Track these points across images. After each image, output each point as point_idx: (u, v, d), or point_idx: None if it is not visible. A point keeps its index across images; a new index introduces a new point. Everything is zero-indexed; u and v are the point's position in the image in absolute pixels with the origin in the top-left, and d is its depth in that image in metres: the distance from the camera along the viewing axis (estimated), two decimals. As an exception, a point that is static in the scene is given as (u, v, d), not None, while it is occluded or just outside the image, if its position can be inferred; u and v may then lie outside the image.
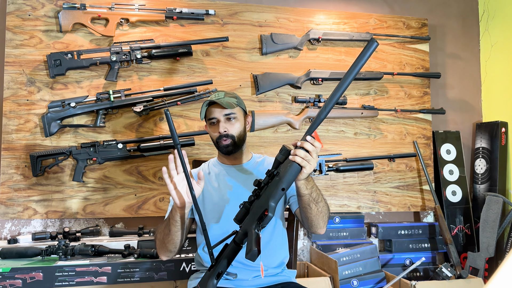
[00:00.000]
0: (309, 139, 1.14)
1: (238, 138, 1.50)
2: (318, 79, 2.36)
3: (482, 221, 2.37)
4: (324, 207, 1.33)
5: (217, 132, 1.49)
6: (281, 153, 1.17)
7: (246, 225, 1.17)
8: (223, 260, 1.20)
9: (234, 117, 1.50)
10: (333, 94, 1.10)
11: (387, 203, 2.48)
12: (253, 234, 1.11)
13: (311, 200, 1.28)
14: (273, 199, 1.13)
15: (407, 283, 2.06)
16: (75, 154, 2.05)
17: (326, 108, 1.11)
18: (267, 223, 1.14)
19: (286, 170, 1.14)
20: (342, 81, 1.09)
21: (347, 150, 2.43)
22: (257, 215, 1.14)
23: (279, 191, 1.14)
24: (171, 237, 1.35)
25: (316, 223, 1.34)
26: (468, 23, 2.78)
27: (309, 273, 2.20)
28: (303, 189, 1.24)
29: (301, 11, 2.43)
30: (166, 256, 1.43)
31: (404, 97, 2.54)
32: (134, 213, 2.15)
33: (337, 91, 1.10)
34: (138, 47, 2.11)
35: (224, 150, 1.50)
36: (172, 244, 1.37)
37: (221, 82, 2.28)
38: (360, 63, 1.08)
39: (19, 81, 2.08)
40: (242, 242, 1.18)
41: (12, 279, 1.64)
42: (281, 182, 1.14)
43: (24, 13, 2.10)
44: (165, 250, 1.41)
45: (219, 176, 1.55)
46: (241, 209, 1.20)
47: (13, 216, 2.04)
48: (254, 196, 1.19)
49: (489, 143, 2.61)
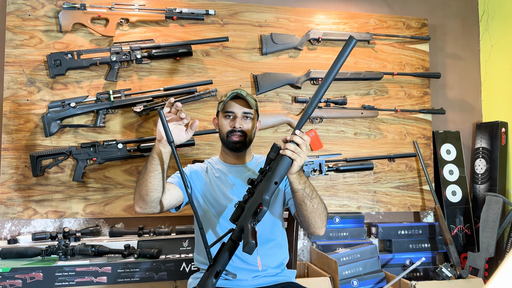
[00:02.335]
0: (297, 133, 1.19)
1: (249, 137, 1.52)
2: (318, 79, 2.36)
3: (482, 221, 2.37)
4: (319, 205, 1.33)
5: (232, 126, 1.50)
6: (272, 150, 1.21)
7: (241, 221, 1.18)
8: (221, 259, 1.21)
9: (251, 117, 1.52)
10: (317, 91, 1.17)
11: (387, 203, 2.48)
12: (249, 228, 1.12)
13: (305, 195, 1.29)
14: (267, 193, 1.15)
15: (407, 283, 2.06)
16: (75, 154, 2.05)
17: (312, 104, 1.17)
18: (262, 216, 1.16)
19: (278, 164, 1.18)
20: (324, 79, 1.16)
21: (347, 150, 2.43)
22: (252, 210, 1.16)
23: (272, 185, 1.16)
24: (145, 177, 1.31)
25: (313, 221, 1.34)
26: (468, 23, 2.78)
27: (309, 273, 2.20)
28: (296, 184, 1.27)
29: (301, 11, 2.43)
30: (138, 207, 1.37)
31: (404, 97, 2.54)
32: (134, 213, 2.15)
33: (320, 89, 1.16)
34: (138, 47, 2.12)
35: (232, 145, 1.50)
36: (145, 187, 1.32)
37: (221, 82, 2.28)
38: (340, 60, 1.14)
39: (19, 81, 2.08)
40: (239, 239, 1.19)
41: (12, 279, 1.65)
42: (274, 176, 1.17)
43: (24, 13, 2.10)
44: (139, 196, 1.34)
45: (221, 174, 1.55)
46: (237, 209, 1.21)
47: (13, 216, 2.04)
48: (249, 195, 1.21)
49: (489, 143, 2.61)
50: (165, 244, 1.92)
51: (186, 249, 1.94)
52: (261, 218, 1.17)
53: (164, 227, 2.09)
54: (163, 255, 1.87)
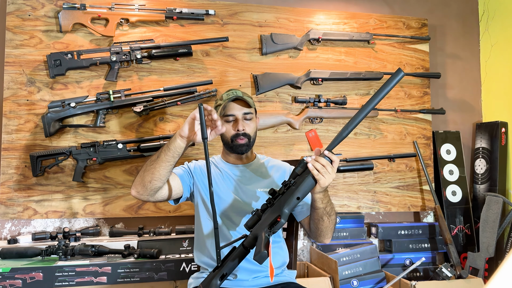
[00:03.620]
0: (327, 153, 1.20)
1: (252, 138, 1.52)
2: (318, 79, 2.36)
3: (482, 221, 2.37)
4: (334, 220, 1.38)
5: (235, 129, 1.49)
6: (299, 166, 1.22)
7: (256, 229, 1.19)
8: (229, 262, 1.21)
9: (251, 117, 1.52)
10: (351, 121, 1.21)
11: (387, 203, 2.48)
12: (263, 238, 1.14)
13: (324, 213, 1.32)
14: (288, 207, 1.17)
15: (407, 283, 2.06)
16: (75, 154, 2.05)
17: (349, 128, 1.20)
18: (278, 229, 1.17)
19: (303, 180, 1.19)
20: (363, 108, 1.21)
21: (347, 150, 2.43)
22: (269, 220, 1.18)
23: (294, 199, 1.18)
24: (155, 165, 1.31)
25: (325, 233, 1.39)
26: (468, 23, 2.78)
27: (309, 273, 2.20)
28: (318, 203, 1.29)
29: (301, 11, 2.43)
30: (136, 191, 1.36)
31: (404, 97, 2.54)
32: (134, 213, 2.15)
33: (356, 118, 1.21)
34: (138, 47, 2.11)
35: (239, 149, 1.50)
36: (151, 174, 1.31)
37: (221, 82, 2.28)
38: (385, 90, 1.16)
39: (19, 81, 2.08)
40: (252, 246, 1.20)
41: (12, 279, 1.65)
42: (297, 191, 1.18)
43: (24, 13, 2.10)
44: (140, 181, 1.34)
45: (223, 174, 1.55)
46: (253, 216, 1.22)
47: (13, 216, 2.04)
48: (268, 204, 1.21)
49: (489, 143, 2.61)
50: (165, 244, 1.92)
51: (186, 249, 1.93)
52: (277, 230, 1.19)
53: (164, 227, 2.09)
54: (163, 255, 1.87)
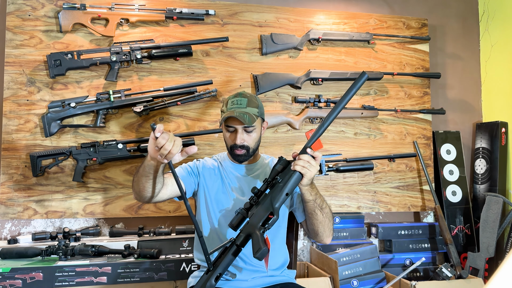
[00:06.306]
0: (309, 151, 1.25)
1: (253, 149, 1.49)
2: (318, 79, 2.36)
3: (482, 221, 2.37)
4: (329, 214, 1.40)
5: (233, 141, 1.47)
6: (279, 163, 1.26)
7: (248, 228, 1.20)
8: (222, 262, 1.21)
9: (252, 129, 1.47)
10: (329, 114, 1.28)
11: (387, 203, 2.48)
12: (258, 235, 1.16)
13: (316, 206, 1.35)
14: (278, 203, 1.21)
15: (407, 283, 2.06)
16: (75, 154, 2.05)
17: (324, 125, 1.27)
18: (272, 225, 1.20)
19: (289, 176, 1.23)
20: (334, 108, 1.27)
21: (347, 150, 2.43)
22: (262, 218, 1.20)
23: (283, 195, 1.22)
24: (137, 179, 1.32)
25: (322, 230, 1.40)
26: (468, 23, 2.78)
27: (309, 273, 2.20)
28: (307, 195, 1.32)
29: (301, 11, 2.43)
30: (135, 196, 1.40)
31: (404, 97, 2.54)
32: (134, 213, 2.15)
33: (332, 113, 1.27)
34: (138, 47, 2.11)
35: (237, 159, 1.51)
36: (137, 186, 1.34)
37: (221, 82, 2.28)
38: (351, 92, 1.24)
39: (19, 81, 2.08)
40: (243, 245, 1.21)
41: (12, 279, 1.65)
42: (285, 187, 1.22)
43: (24, 13, 2.10)
44: (133, 189, 1.37)
45: (227, 172, 1.55)
46: (237, 215, 1.24)
47: (13, 216, 2.04)
48: (253, 203, 1.23)
49: (489, 143, 2.61)
50: (165, 244, 1.92)
51: (186, 249, 1.94)
52: (271, 227, 1.21)
53: (164, 227, 2.09)
54: (163, 255, 1.87)
